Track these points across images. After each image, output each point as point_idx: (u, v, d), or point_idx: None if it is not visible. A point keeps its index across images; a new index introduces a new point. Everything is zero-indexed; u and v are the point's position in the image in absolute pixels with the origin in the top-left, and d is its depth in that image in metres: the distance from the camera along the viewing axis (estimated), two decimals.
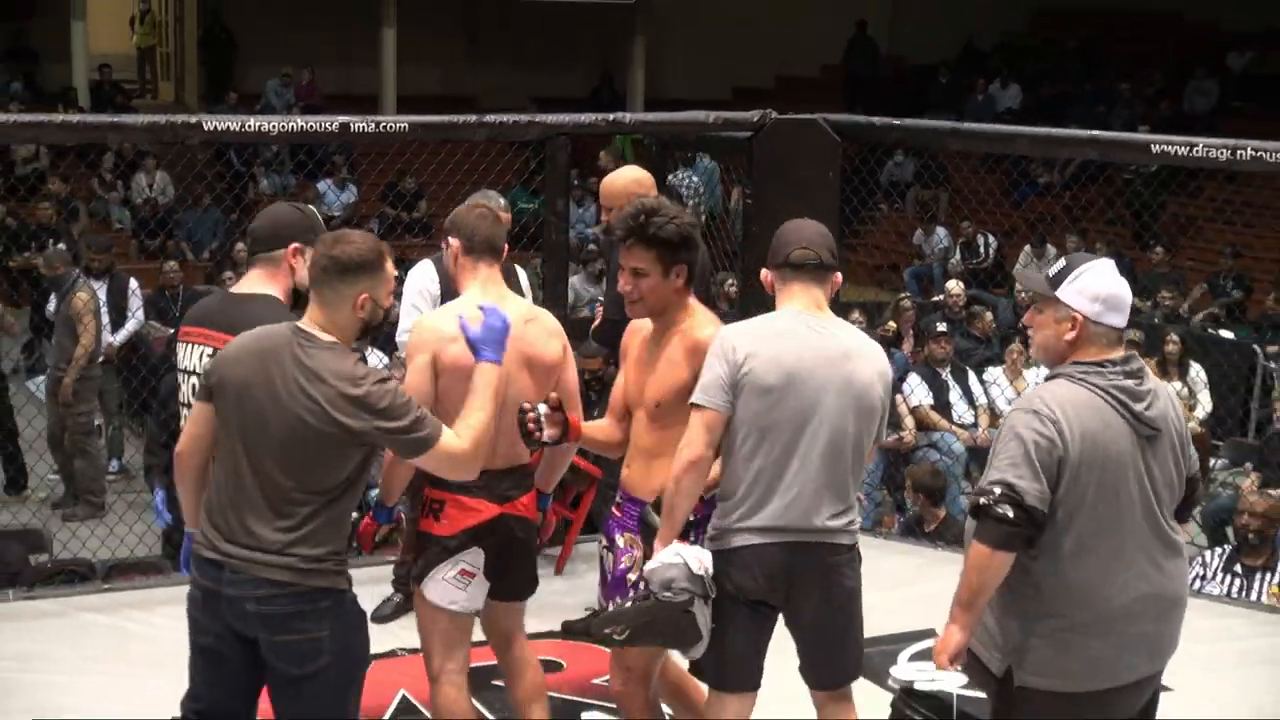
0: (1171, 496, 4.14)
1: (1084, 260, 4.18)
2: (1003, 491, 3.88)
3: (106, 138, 15.13)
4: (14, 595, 6.81)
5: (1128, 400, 3.99)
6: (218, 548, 4.03)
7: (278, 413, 3.99)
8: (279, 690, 4.13)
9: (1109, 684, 4.06)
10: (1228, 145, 7.18)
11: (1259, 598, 7.90)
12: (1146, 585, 4.04)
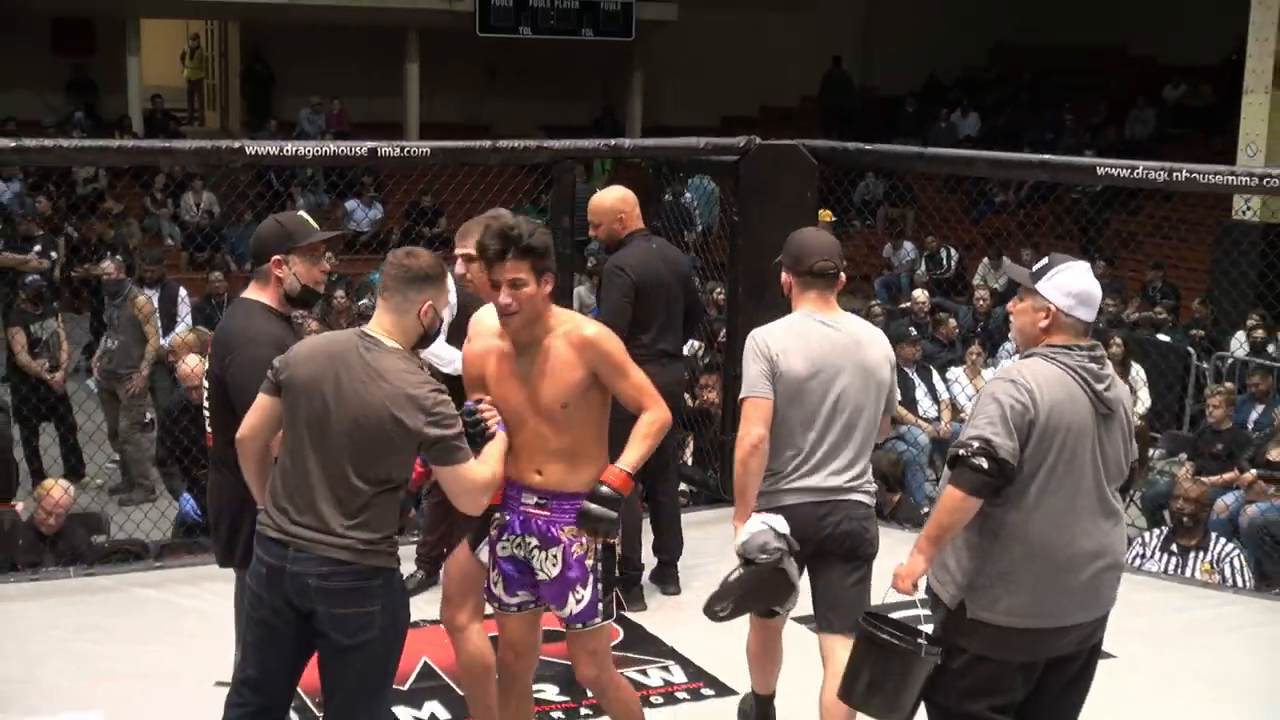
0: (1118, 472, 4.31)
1: (1064, 260, 4.34)
2: (980, 445, 4.04)
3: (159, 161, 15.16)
4: (75, 572, 6.80)
5: (1091, 380, 4.16)
6: (283, 528, 4.07)
7: (342, 408, 4.03)
8: (330, 659, 4.15)
9: (1047, 625, 4.18)
10: (1165, 168, 7.19)
11: (1192, 574, 7.90)
12: (1089, 542, 4.19)
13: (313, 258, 4.74)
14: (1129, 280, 16.84)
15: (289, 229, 4.71)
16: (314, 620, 4.08)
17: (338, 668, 4.14)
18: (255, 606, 4.17)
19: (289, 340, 4.54)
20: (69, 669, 5.48)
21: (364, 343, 4.11)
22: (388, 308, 4.17)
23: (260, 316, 4.68)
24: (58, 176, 19.18)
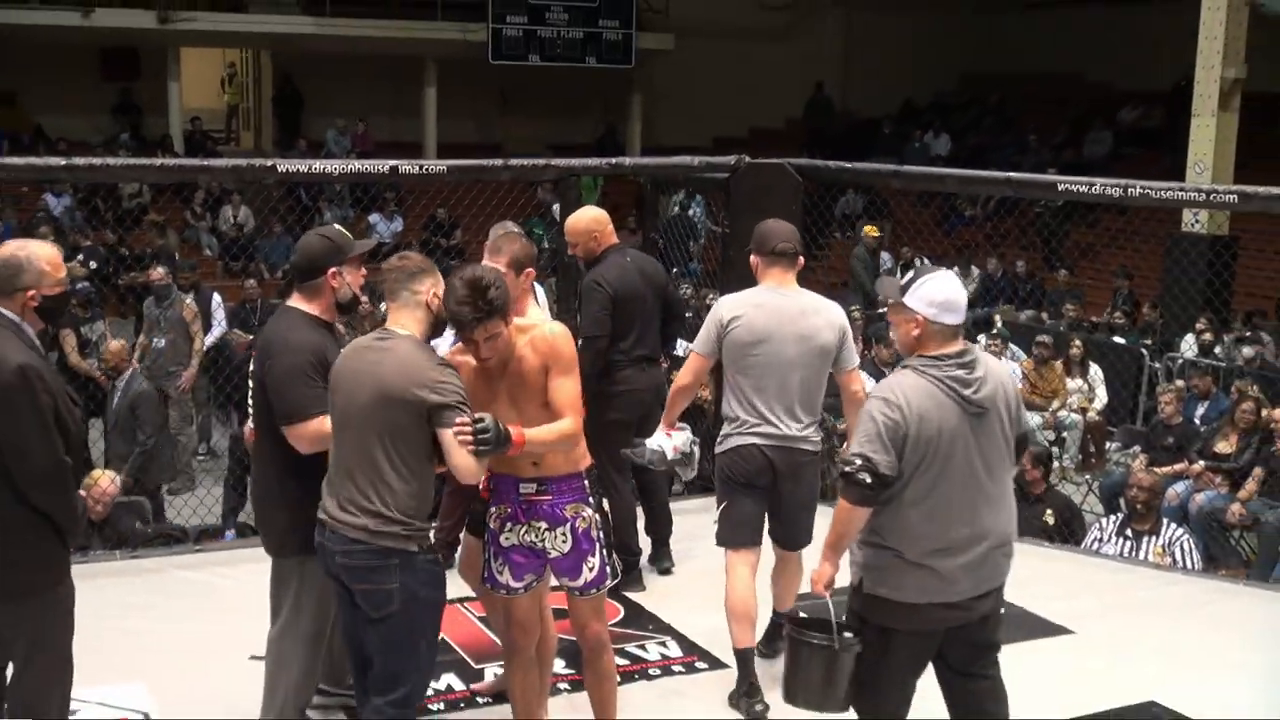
0: (1000, 459, 4.44)
1: (928, 272, 4.50)
2: (861, 463, 4.24)
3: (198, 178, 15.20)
4: (121, 555, 6.81)
5: (958, 387, 4.29)
6: (324, 511, 4.21)
7: (364, 393, 4.14)
8: (363, 628, 4.25)
9: (936, 599, 4.35)
10: (1120, 184, 7.20)
11: (1146, 557, 7.90)
12: (968, 529, 4.34)
13: (357, 266, 4.81)
14: (1087, 287, 16.83)
15: (338, 244, 4.74)
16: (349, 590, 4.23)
17: (369, 636, 4.25)
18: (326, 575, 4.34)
19: (328, 347, 4.63)
20: (115, 644, 5.49)
21: (379, 334, 4.29)
22: (396, 306, 4.31)
23: (302, 326, 4.68)
24: (105, 192, 19.18)
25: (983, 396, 4.34)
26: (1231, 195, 7.63)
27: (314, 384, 4.53)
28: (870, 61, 26.14)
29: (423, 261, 4.38)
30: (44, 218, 17.64)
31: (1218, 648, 5.97)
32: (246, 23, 22.17)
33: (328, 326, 4.76)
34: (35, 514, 4.20)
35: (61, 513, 4.26)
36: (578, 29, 23.07)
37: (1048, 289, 16.67)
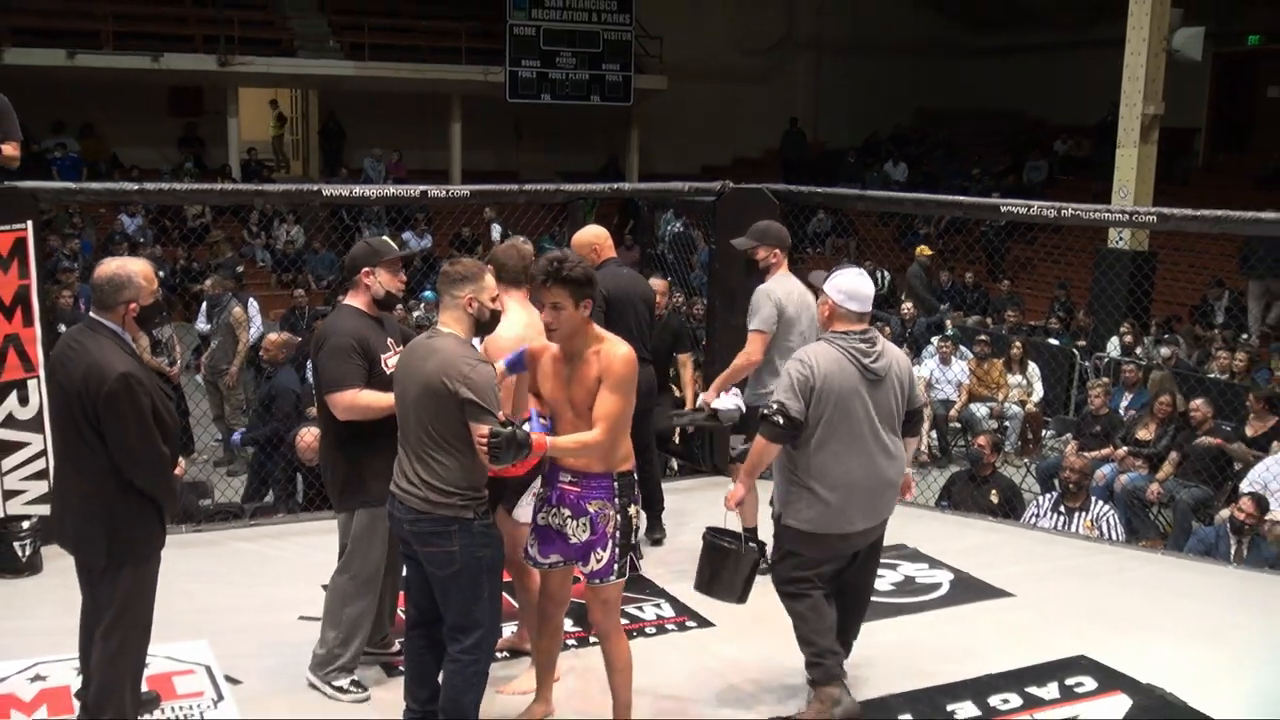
0: (890, 419, 4.83)
1: (844, 268, 4.95)
2: (777, 407, 4.68)
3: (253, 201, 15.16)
4: (186, 529, 6.80)
5: (859, 356, 4.71)
6: (395, 484, 4.33)
7: (415, 383, 4.23)
8: (434, 585, 4.32)
9: (835, 530, 4.75)
10: (1054, 206, 7.22)
11: (1077, 529, 7.90)
12: (862, 471, 4.71)
13: (393, 270, 4.96)
14: (1025, 296, 16.84)
15: (375, 248, 4.97)
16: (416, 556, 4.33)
17: (439, 593, 4.31)
18: (401, 544, 4.45)
19: (369, 335, 4.84)
20: (181, 606, 5.47)
21: (429, 334, 4.36)
22: (443, 306, 4.37)
23: (349, 317, 4.90)
24: (172, 213, 19.19)
25: (879, 366, 4.75)
26: (1151, 216, 7.63)
27: (350, 361, 4.75)
28: (838, 100, 26.18)
29: (469, 268, 4.36)
30: (120, 235, 17.67)
31: (1139, 609, 5.99)
32: (296, 66, 22.15)
33: (374, 319, 4.93)
34: (140, 494, 4.28)
35: (162, 493, 4.36)
36: (583, 71, 23.08)
37: (992, 297, 16.68)
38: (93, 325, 4.32)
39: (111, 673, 4.34)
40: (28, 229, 6.16)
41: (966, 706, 4.90)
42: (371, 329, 4.88)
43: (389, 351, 4.86)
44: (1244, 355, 12.08)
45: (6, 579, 6.03)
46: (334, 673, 4.89)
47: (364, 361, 4.77)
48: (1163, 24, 14.43)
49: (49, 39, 19.85)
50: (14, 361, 6.10)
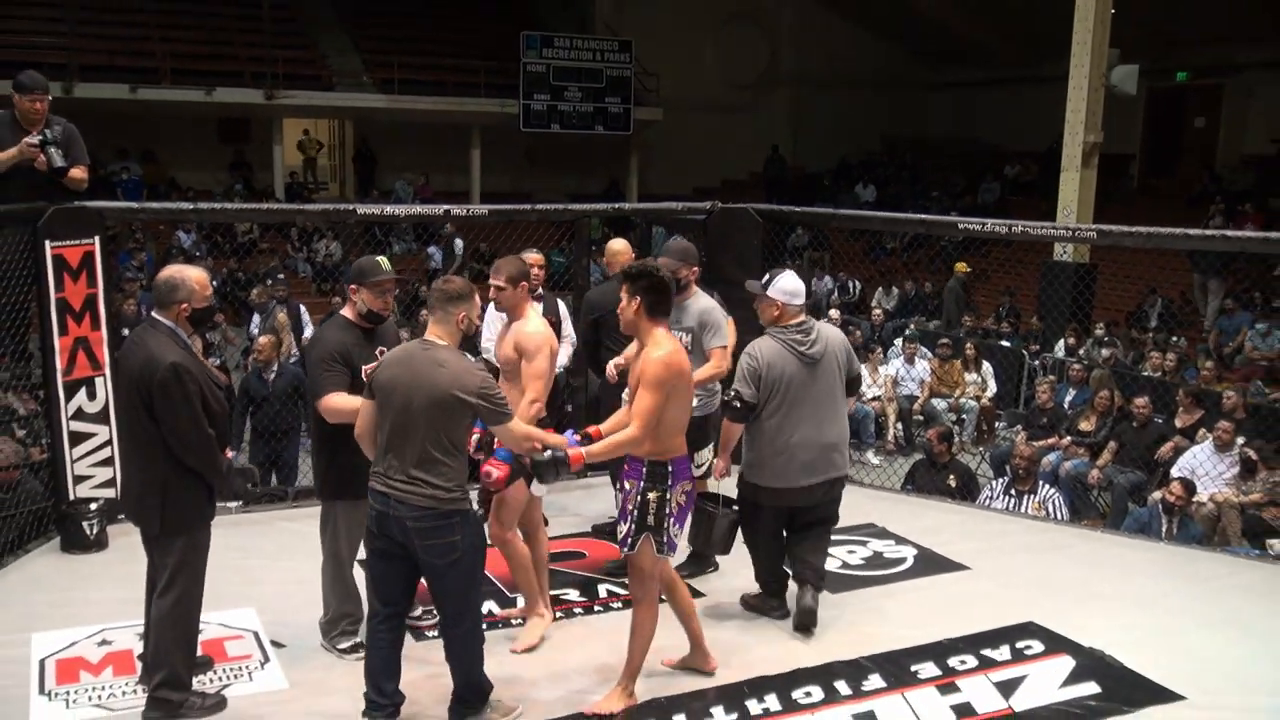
0: (830, 393, 5.21)
1: (779, 272, 5.24)
2: (735, 395, 5.12)
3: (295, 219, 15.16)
4: (235, 510, 6.79)
5: (796, 346, 5.11)
6: (388, 484, 4.10)
7: (419, 393, 4.07)
8: (432, 576, 4.21)
9: (785, 484, 5.16)
10: (1006, 224, 7.22)
11: (1026, 510, 7.91)
12: (805, 439, 5.12)
13: (377, 291, 4.83)
14: (980, 303, 16.84)
15: (363, 268, 4.87)
16: (412, 550, 4.12)
17: (439, 583, 4.20)
18: (371, 539, 4.23)
19: (353, 345, 4.77)
20: (232, 578, 5.48)
21: (423, 345, 4.19)
22: (435, 320, 4.25)
23: (336, 328, 4.88)
24: (223, 230, 19.20)
25: (814, 352, 5.14)
26: (1091, 232, 7.63)
27: (331, 369, 4.70)
28: (814, 129, 26.21)
29: (462, 287, 4.27)
30: (176, 249, 17.67)
31: (1081, 580, 5.99)
32: (334, 99, 22.18)
33: (363, 329, 4.85)
34: (191, 472, 4.30)
35: (210, 471, 4.36)
36: (588, 104, 23.11)
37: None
38: (152, 323, 4.38)
39: (169, 632, 4.35)
40: (95, 244, 6.16)
41: (928, 667, 4.90)
42: (357, 339, 4.79)
43: (375, 360, 4.68)
44: (1173, 355, 12.11)
45: (76, 554, 6.03)
46: (337, 636, 4.94)
47: (345, 369, 4.70)
48: (1102, 62, 14.46)
49: (114, 75, 19.86)
50: (83, 361, 6.11)
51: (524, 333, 4.93)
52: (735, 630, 5.26)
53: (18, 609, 5.35)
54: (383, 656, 4.26)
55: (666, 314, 4.46)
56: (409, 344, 4.32)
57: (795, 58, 26.39)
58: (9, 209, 5.97)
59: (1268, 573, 6.32)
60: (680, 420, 4.42)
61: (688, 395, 4.47)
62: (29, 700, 4.54)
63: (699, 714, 4.50)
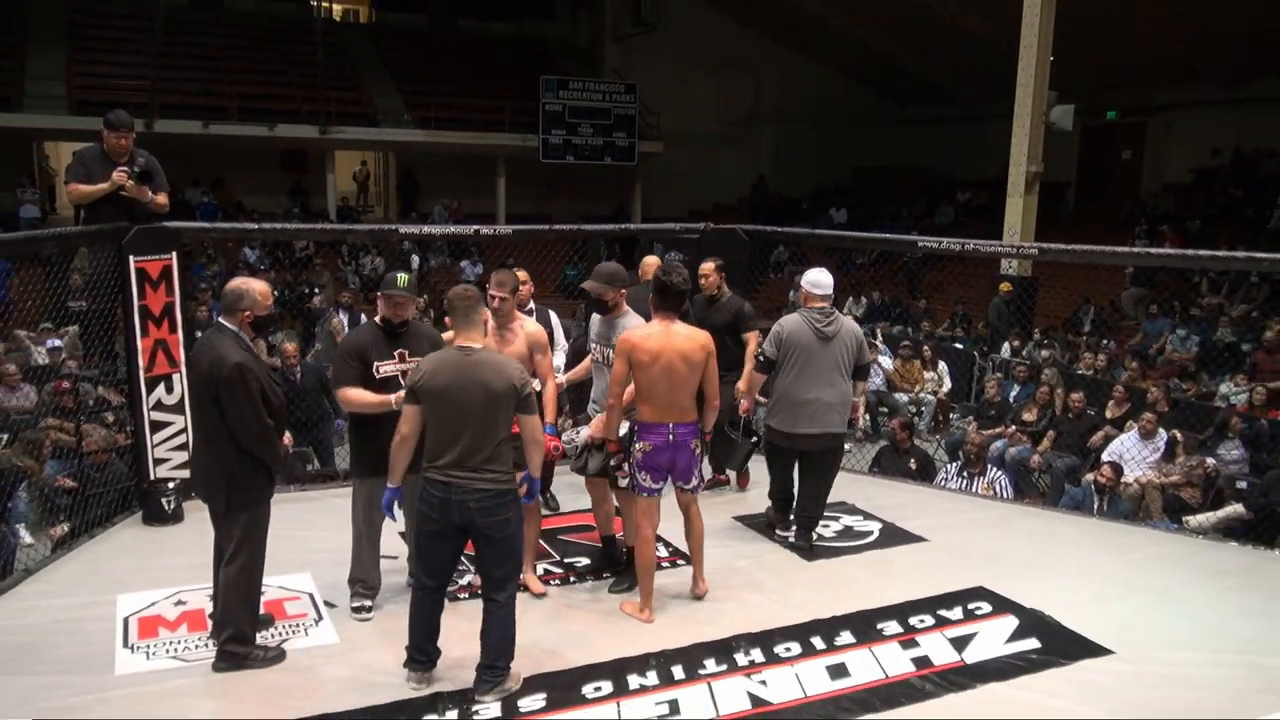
0: (837, 366, 5.65)
1: (809, 268, 5.79)
2: (761, 351, 5.74)
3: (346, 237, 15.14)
4: (294, 489, 6.80)
5: (815, 322, 5.64)
6: (448, 475, 4.08)
7: (473, 393, 4.07)
8: (488, 548, 4.19)
9: (792, 430, 5.70)
10: (959, 242, 7.19)
11: (976, 490, 7.90)
12: (812, 395, 5.63)
13: (388, 302, 4.82)
14: (938, 311, 16.83)
15: (385, 280, 4.90)
16: (471, 529, 4.12)
17: (493, 554, 4.19)
18: (426, 522, 4.18)
19: (371, 344, 4.79)
20: (290, 547, 5.49)
21: (464, 352, 4.15)
22: (467, 325, 4.21)
23: (361, 330, 5.00)
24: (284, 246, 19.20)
25: (829, 330, 5.64)
26: (1033, 250, 7.62)
27: (347, 364, 4.74)
28: (793, 159, 26.18)
29: (477, 293, 4.32)
30: (243, 264, 17.68)
31: (1024, 551, 5.98)
32: (378, 134, 22.17)
33: (383, 331, 4.84)
34: (252, 457, 4.30)
35: (268, 456, 4.35)
36: (599, 138, 23.10)
37: (911, 311, 16.67)
38: (219, 327, 4.38)
39: (233, 595, 4.36)
40: (172, 258, 6.17)
41: (892, 625, 4.90)
42: (377, 340, 4.78)
43: (391, 360, 4.75)
44: (1104, 356, 12.11)
45: (155, 527, 6.04)
46: (351, 596, 4.95)
47: (359, 365, 4.71)
48: (1042, 102, 14.46)
49: (189, 113, 19.88)
50: (162, 360, 6.11)
51: (530, 332, 5.07)
52: (725, 596, 5.26)
53: (106, 573, 5.37)
54: (426, 621, 4.25)
55: (668, 309, 4.85)
56: (448, 352, 4.22)
57: (777, 99, 26.37)
58: (100, 228, 5.99)
59: (1184, 545, 6.33)
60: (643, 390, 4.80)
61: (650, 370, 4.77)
62: (115, 652, 4.55)
63: (694, 664, 4.49)
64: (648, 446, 4.85)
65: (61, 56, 20.50)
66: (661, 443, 4.84)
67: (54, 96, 19.43)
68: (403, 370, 4.76)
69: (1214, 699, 4.31)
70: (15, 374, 9.55)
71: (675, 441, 4.85)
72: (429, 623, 4.26)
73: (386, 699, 4.18)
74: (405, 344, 4.82)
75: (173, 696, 4.20)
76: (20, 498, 7.99)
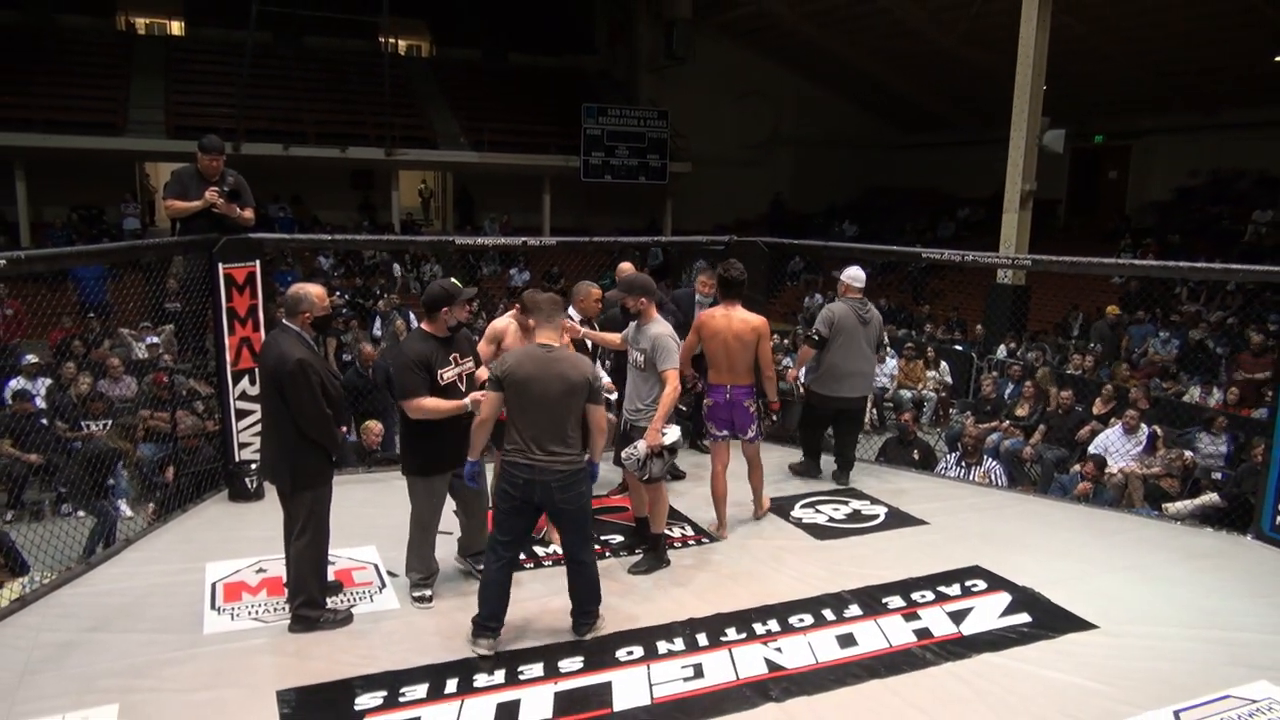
0: (871, 344, 6.45)
1: (849, 266, 6.51)
2: (816, 330, 6.39)
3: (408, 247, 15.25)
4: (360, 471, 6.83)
5: (858, 310, 6.36)
6: (529, 457, 4.16)
7: (554, 385, 4.17)
8: (567, 520, 4.29)
9: (834, 394, 6.42)
10: (959, 254, 7.13)
11: (973, 479, 7.83)
12: (854, 367, 6.38)
13: (462, 306, 4.71)
14: (938, 315, 16.68)
15: (451, 292, 4.67)
16: (549, 504, 4.20)
17: (572, 523, 4.30)
18: (505, 498, 4.24)
19: (431, 354, 4.57)
20: (357, 523, 5.54)
21: (545, 349, 4.24)
22: (549, 326, 4.31)
23: (417, 340, 4.66)
24: (354, 256, 19.33)
25: (867, 316, 6.37)
26: (1027, 261, 7.54)
27: (415, 375, 4.51)
28: (809, 179, 26.05)
29: (558, 299, 4.41)
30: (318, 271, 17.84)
31: (1017, 533, 5.93)
32: (437, 155, 22.25)
33: (440, 339, 4.64)
34: (313, 443, 4.33)
35: (329, 443, 4.37)
36: (634, 160, 23.06)
37: (915, 316, 16.53)
38: (283, 328, 4.39)
39: (303, 565, 4.40)
40: (256, 265, 6.23)
41: (895, 599, 4.87)
42: (434, 349, 4.58)
43: (449, 365, 4.60)
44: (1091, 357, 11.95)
45: (239, 503, 6.11)
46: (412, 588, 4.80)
47: (426, 375, 4.52)
48: (1036, 126, 14.29)
49: (271, 137, 20.04)
50: (246, 355, 6.18)
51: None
52: (745, 572, 5.24)
53: (196, 544, 5.44)
54: (499, 590, 4.27)
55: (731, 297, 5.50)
56: (531, 348, 4.27)
57: (795, 124, 26.24)
58: (193, 239, 6.06)
59: (1164, 529, 6.24)
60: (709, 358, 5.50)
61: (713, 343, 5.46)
62: (204, 614, 4.61)
63: (716, 633, 4.48)
64: (710, 402, 5.55)
65: (161, 87, 20.77)
66: (721, 400, 5.49)
67: (154, 123, 19.69)
68: (459, 373, 4.66)
69: (1187, 669, 4.26)
70: (119, 367, 9.71)
71: (731, 399, 5.48)
72: (502, 594, 4.27)
73: (442, 659, 4.21)
74: (456, 348, 4.73)
75: (254, 654, 4.25)
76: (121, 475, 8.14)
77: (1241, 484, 7.45)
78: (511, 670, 4.12)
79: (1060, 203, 21.40)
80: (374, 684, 4.00)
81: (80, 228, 18.70)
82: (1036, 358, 12.46)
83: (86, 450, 7.97)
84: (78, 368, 9.58)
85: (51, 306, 13.34)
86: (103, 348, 10.64)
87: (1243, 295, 13.63)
